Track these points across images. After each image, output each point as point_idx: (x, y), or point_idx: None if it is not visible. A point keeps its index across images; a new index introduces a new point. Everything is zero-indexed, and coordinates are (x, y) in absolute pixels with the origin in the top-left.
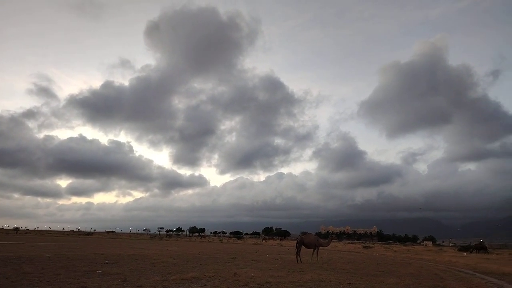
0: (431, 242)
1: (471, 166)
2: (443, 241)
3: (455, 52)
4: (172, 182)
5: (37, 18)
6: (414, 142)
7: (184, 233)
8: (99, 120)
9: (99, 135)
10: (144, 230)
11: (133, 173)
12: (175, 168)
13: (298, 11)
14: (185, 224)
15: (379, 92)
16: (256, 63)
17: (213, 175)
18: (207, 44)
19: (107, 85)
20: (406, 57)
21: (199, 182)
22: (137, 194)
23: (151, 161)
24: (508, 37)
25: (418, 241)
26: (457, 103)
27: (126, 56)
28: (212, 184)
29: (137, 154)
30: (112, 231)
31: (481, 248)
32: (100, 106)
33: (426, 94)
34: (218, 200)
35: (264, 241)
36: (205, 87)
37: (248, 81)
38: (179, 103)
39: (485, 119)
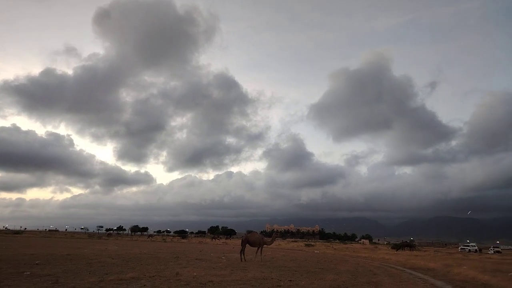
0: (368, 240)
1: (407, 170)
2: (378, 239)
3: (399, 63)
4: (115, 179)
5: None
6: (358, 145)
7: (125, 232)
8: (36, 109)
9: (35, 126)
10: (81, 228)
11: (73, 168)
12: (119, 164)
13: (253, 12)
14: (127, 222)
15: (328, 96)
16: (211, 60)
17: (160, 172)
18: (161, 36)
19: (48, 72)
20: (354, 65)
21: (145, 179)
22: (76, 191)
23: (93, 156)
24: (445, 52)
25: (356, 239)
26: (398, 111)
27: (72, 43)
28: (158, 181)
29: (77, 148)
30: (55, 230)
31: (407, 246)
32: (38, 94)
33: (371, 101)
34: (164, 198)
35: (213, 240)
36: (156, 80)
37: (202, 78)
38: (127, 96)
39: (422, 127)
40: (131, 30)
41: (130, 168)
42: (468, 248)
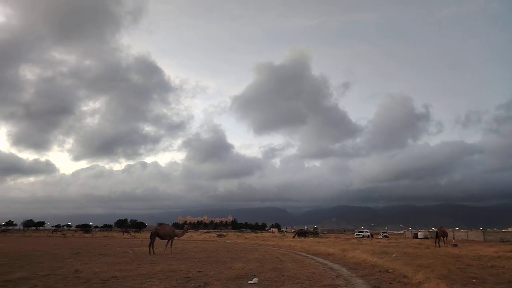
0: (277, 229)
1: (316, 163)
2: (286, 228)
3: (316, 63)
4: (8, 167)
5: None
6: (275, 138)
7: (16, 227)
8: None
9: None
10: None
11: None
12: (14, 150)
13: None
14: (20, 216)
15: (251, 89)
16: (132, 42)
17: (65, 161)
18: (77, 10)
19: None
20: (278, 60)
21: (45, 168)
22: None
23: None
24: (356, 54)
25: (267, 228)
26: (313, 108)
27: None
28: (62, 171)
29: None
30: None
31: (302, 233)
32: None
33: (291, 97)
34: (67, 189)
35: (124, 234)
36: (67, 58)
37: (121, 60)
38: (29, 72)
39: (333, 124)
40: None
41: (27, 155)
42: (362, 234)
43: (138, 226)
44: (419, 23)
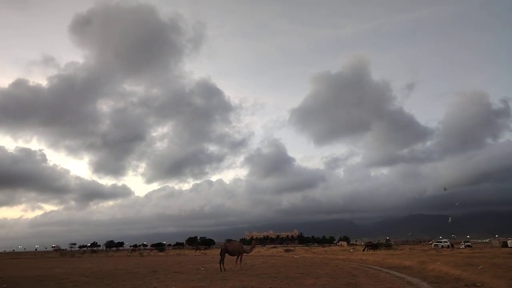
0: (346, 242)
1: (384, 171)
2: (356, 241)
3: (376, 67)
4: (91, 193)
5: None
6: (338, 148)
7: (100, 248)
8: (6, 123)
9: (5, 141)
10: (53, 247)
11: (45, 185)
12: (95, 177)
13: (222, 20)
14: (102, 238)
15: (309, 100)
16: (194, 68)
17: (139, 184)
18: (143, 44)
19: (19, 84)
20: (335, 68)
21: (122, 192)
22: (49, 208)
23: (67, 171)
24: (418, 53)
25: (335, 242)
26: (376, 114)
27: (50, 53)
28: (136, 194)
29: (51, 164)
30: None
31: (371, 246)
32: (8, 107)
33: (351, 105)
34: (142, 211)
35: (196, 251)
36: (136, 89)
37: (185, 86)
38: (105, 105)
39: (400, 128)
40: (112, 37)
41: (107, 181)
42: (441, 244)
43: (207, 243)
44: (484, 12)
